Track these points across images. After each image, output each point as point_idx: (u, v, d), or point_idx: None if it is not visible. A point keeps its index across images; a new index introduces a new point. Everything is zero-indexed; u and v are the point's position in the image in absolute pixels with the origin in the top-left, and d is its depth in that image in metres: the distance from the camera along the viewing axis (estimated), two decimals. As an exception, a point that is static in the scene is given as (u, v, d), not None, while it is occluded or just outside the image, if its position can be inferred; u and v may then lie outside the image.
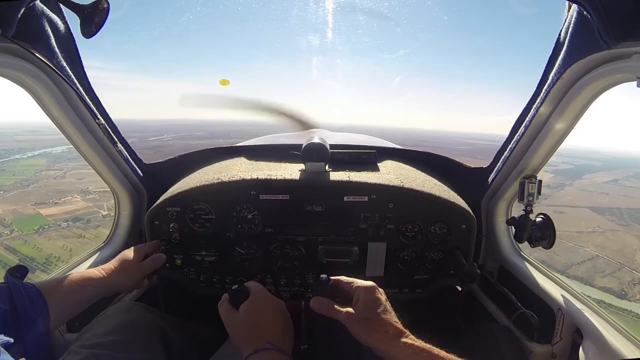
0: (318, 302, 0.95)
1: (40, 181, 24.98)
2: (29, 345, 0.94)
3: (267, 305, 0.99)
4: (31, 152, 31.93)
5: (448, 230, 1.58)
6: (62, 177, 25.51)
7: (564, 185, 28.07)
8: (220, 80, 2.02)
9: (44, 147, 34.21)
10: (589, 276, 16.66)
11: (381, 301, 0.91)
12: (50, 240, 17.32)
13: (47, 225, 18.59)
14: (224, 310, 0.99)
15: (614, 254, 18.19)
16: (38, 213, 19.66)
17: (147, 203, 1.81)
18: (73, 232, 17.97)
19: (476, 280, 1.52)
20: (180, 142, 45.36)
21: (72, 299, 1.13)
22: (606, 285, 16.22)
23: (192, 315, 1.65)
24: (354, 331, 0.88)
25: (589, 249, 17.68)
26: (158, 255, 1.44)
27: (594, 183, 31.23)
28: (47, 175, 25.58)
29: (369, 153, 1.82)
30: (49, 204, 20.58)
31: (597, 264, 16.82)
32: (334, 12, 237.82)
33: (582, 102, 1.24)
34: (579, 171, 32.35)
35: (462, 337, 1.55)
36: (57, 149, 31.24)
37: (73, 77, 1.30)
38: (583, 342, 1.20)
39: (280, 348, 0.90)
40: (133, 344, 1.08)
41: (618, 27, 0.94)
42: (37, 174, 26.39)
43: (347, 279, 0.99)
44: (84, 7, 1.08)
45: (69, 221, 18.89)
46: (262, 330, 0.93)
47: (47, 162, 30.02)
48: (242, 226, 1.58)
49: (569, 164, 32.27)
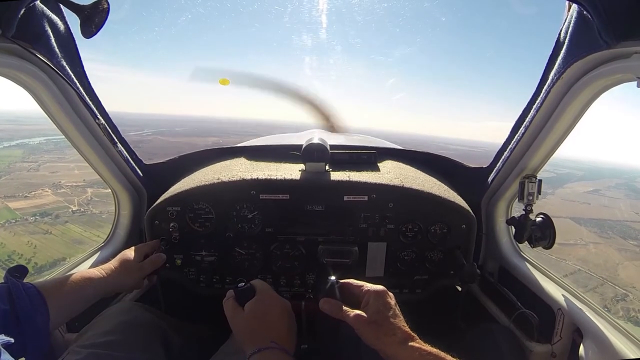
0: (328, 303, 0.95)
1: (12, 173, 24.32)
2: (29, 346, 0.94)
3: (273, 304, 0.99)
4: (7, 143, 31.16)
5: (448, 230, 1.58)
6: (36, 170, 24.80)
7: (545, 194, 27.90)
8: (220, 80, 2.02)
9: (22, 137, 32.97)
10: None
11: (391, 305, 0.92)
12: (15, 236, 16.65)
13: (14, 220, 17.78)
14: (229, 308, 0.98)
15: (596, 268, 17.95)
16: (6, 206, 19.06)
17: (147, 203, 1.81)
18: (40, 228, 17.21)
19: (476, 280, 1.52)
20: (160, 137, 45.08)
21: (72, 299, 1.12)
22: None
23: (192, 315, 1.65)
24: (363, 334, 0.88)
25: (570, 263, 17.51)
26: (158, 255, 1.44)
27: (575, 192, 31.05)
28: (21, 167, 24.92)
29: (369, 153, 1.82)
30: (18, 197, 20.02)
31: (579, 278, 16.50)
32: (329, 12, 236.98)
33: (582, 102, 1.24)
34: (561, 180, 32.23)
35: (462, 337, 1.55)
36: (34, 139, 30.13)
37: (73, 77, 1.30)
38: (583, 341, 1.20)
39: (284, 348, 0.90)
40: (133, 344, 1.08)
41: (618, 27, 0.94)
42: (10, 165, 25.65)
43: (356, 282, 0.99)
44: (84, 8, 1.08)
45: (37, 216, 18.18)
46: (267, 329, 0.93)
47: (22, 154, 29.23)
48: (242, 226, 1.58)
49: (551, 172, 32.37)
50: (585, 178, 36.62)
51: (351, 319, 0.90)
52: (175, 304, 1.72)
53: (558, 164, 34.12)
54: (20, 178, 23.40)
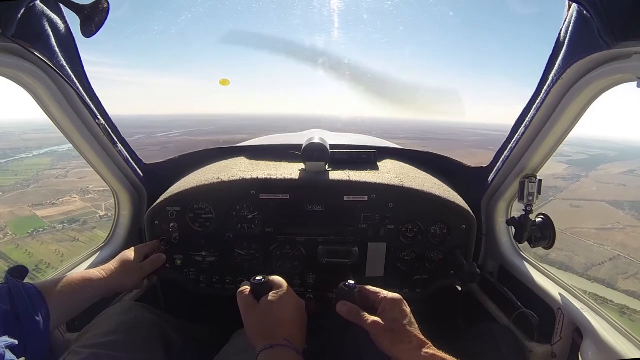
0: (346, 306, 0.95)
1: (41, 181, 24.61)
2: (29, 346, 0.94)
3: (289, 301, 0.97)
4: (37, 151, 31.47)
5: (448, 230, 1.58)
6: (64, 177, 25.07)
7: (579, 177, 26.88)
8: (220, 80, 2.02)
9: (51, 145, 33.36)
10: (611, 278, 15.68)
11: (407, 313, 0.93)
12: (43, 245, 16.80)
13: (42, 228, 18.07)
14: (244, 300, 0.97)
15: (636, 252, 17.27)
16: (34, 215, 19.22)
17: (147, 203, 1.81)
18: (67, 235, 17.46)
19: (476, 280, 1.52)
20: (188, 137, 44.70)
21: (72, 299, 1.12)
22: (630, 289, 15.30)
23: (192, 315, 1.65)
24: (379, 340, 0.89)
25: (609, 248, 16.84)
26: (158, 255, 1.44)
27: (609, 174, 29.62)
28: (49, 175, 25.21)
29: (369, 153, 1.82)
30: (46, 205, 20.20)
31: (619, 264, 15.83)
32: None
33: (582, 102, 1.24)
34: (594, 161, 30.93)
35: (462, 337, 1.55)
36: (63, 147, 30.34)
37: (73, 77, 1.30)
38: (583, 341, 1.20)
39: (296, 347, 0.89)
40: (133, 344, 1.08)
41: (618, 27, 0.94)
42: (39, 173, 25.99)
43: (373, 289, 1.00)
44: (84, 7, 1.08)
45: (64, 223, 18.43)
46: (281, 326, 0.92)
47: (51, 161, 29.40)
48: (242, 226, 1.58)
49: (583, 154, 30.64)
50: (619, 159, 35.58)
51: (368, 324, 0.90)
52: (175, 304, 1.72)
53: (588, 144, 33.02)
54: (48, 185, 23.59)
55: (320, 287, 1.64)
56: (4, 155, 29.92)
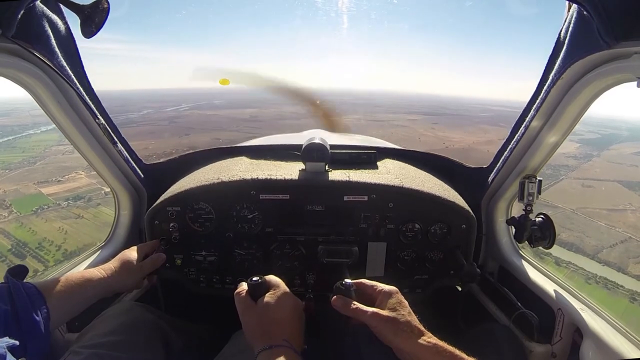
0: (341, 300, 0.95)
1: (47, 157, 24.07)
2: (29, 346, 0.94)
3: (287, 301, 0.97)
4: (45, 127, 31.12)
5: (448, 230, 1.58)
6: (71, 152, 24.47)
7: (590, 156, 26.17)
8: (220, 80, 2.02)
9: None
10: (622, 262, 14.77)
11: (405, 304, 0.94)
12: (47, 222, 16.29)
13: (47, 205, 17.65)
14: (241, 301, 0.97)
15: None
16: (39, 192, 18.65)
17: (147, 203, 1.81)
18: (72, 213, 16.92)
19: (476, 280, 1.52)
20: (197, 111, 43.62)
21: (72, 299, 1.13)
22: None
23: (192, 315, 1.64)
24: (381, 331, 0.88)
25: (620, 230, 16.37)
26: (158, 255, 1.44)
27: (622, 154, 28.72)
28: (56, 151, 24.59)
29: (369, 153, 1.82)
30: (52, 182, 19.68)
31: (630, 247, 14.99)
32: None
33: (582, 102, 1.24)
34: (606, 141, 30.09)
35: (462, 337, 1.54)
36: None
37: (73, 77, 1.30)
38: (583, 341, 1.20)
39: (294, 347, 0.89)
40: (133, 344, 1.08)
41: (618, 27, 0.94)
42: (46, 150, 25.44)
43: (369, 282, 1.00)
44: (84, 7, 1.08)
45: (69, 200, 17.90)
46: (280, 327, 0.92)
47: (59, 137, 28.89)
48: (242, 226, 1.58)
49: (595, 132, 29.50)
50: (631, 138, 34.83)
51: (368, 316, 0.90)
52: (175, 304, 1.72)
53: (601, 123, 32.34)
54: (55, 162, 22.86)
55: (320, 286, 1.64)
56: (12, 132, 29.49)
